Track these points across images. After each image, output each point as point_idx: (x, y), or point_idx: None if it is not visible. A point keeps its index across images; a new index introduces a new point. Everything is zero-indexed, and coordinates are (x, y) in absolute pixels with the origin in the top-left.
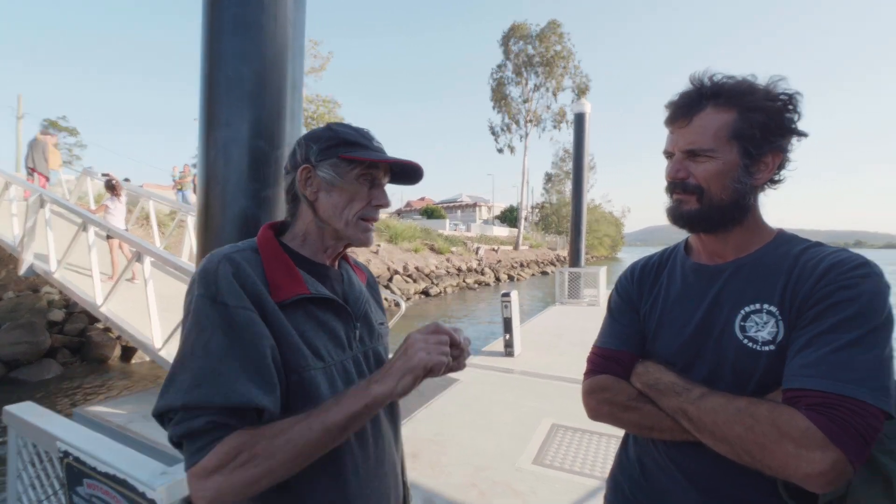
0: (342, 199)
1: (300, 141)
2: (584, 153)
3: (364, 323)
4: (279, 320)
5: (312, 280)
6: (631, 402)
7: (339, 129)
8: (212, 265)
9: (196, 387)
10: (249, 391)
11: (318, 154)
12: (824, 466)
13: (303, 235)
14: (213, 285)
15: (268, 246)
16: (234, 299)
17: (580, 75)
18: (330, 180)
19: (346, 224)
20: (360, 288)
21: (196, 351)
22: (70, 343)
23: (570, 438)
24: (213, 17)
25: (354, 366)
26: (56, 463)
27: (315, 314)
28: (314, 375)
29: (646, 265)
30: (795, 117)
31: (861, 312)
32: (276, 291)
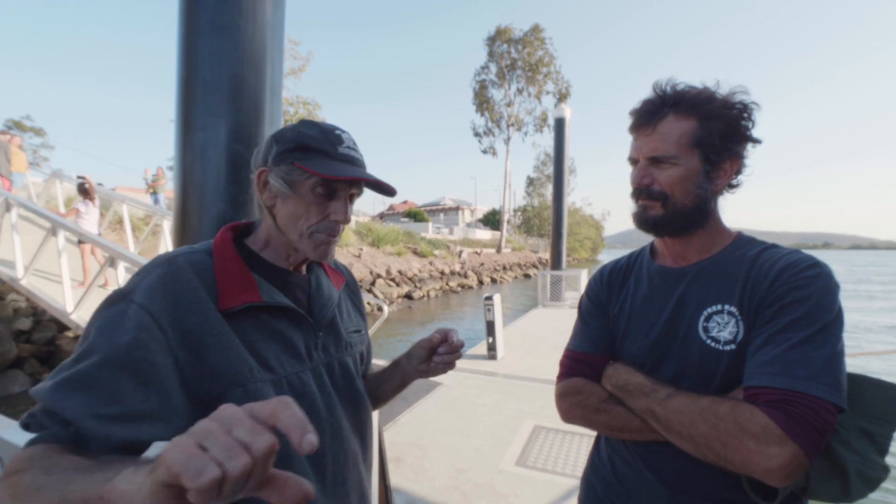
0: (297, 209)
1: (268, 140)
2: (564, 157)
3: (330, 332)
4: (221, 330)
5: (269, 287)
6: (602, 404)
7: (303, 131)
8: (152, 265)
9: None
10: (75, 402)
11: (275, 157)
12: (783, 460)
13: (265, 240)
14: (135, 281)
15: (222, 249)
16: (144, 298)
17: (561, 80)
18: (280, 188)
19: (299, 237)
20: (331, 294)
21: (78, 347)
22: (38, 352)
23: (553, 440)
24: (189, 19)
25: (314, 377)
26: None
27: (268, 323)
28: (260, 388)
29: (614, 269)
30: (751, 125)
31: (812, 311)
32: (225, 298)
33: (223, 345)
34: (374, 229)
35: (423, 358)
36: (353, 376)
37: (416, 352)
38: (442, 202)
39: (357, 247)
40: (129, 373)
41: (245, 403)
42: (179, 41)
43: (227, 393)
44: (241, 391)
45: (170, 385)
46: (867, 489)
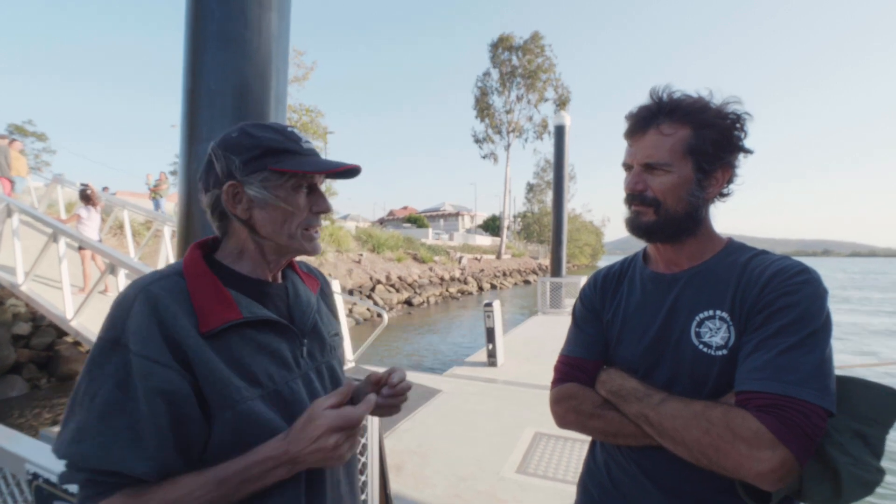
0: (280, 213)
1: (216, 152)
2: (564, 164)
3: (314, 338)
4: (204, 356)
5: (247, 301)
6: (596, 409)
7: (260, 136)
8: (127, 301)
9: (76, 442)
10: (122, 456)
11: (242, 168)
12: (774, 464)
13: (239, 252)
14: (119, 325)
15: (193, 269)
16: (138, 345)
17: (561, 87)
18: (263, 197)
19: (290, 237)
20: (309, 299)
21: (84, 401)
22: (37, 358)
23: (553, 446)
24: (196, 31)
25: (304, 384)
26: (24, 486)
27: (253, 337)
28: (251, 406)
29: (607, 274)
30: (743, 135)
31: (802, 317)
32: (204, 321)
33: (208, 370)
34: (374, 235)
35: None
36: (339, 379)
37: (362, 387)
38: (442, 208)
39: (357, 252)
40: (156, 421)
41: (235, 425)
42: (186, 52)
43: (219, 415)
44: (231, 413)
45: (192, 411)
46: (863, 491)
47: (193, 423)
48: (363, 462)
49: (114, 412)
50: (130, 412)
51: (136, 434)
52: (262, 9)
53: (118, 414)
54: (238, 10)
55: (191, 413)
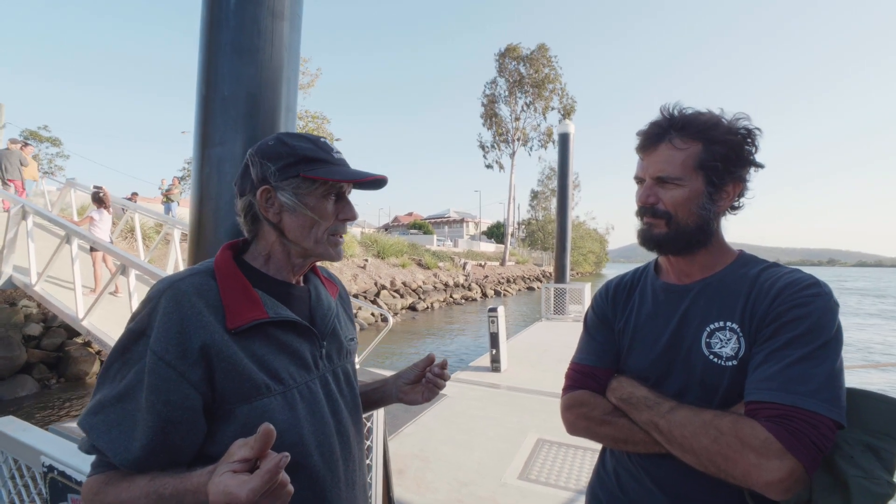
0: (308, 219)
1: (252, 158)
2: (568, 172)
3: (332, 341)
4: (228, 351)
5: (273, 302)
6: (606, 416)
7: (295, 145)
8: (155, 295)
9: (94, 413)
10: (113, 442)
11: (276, 174)
12: (782, 474)
13: (266, 255)
14: (146, 318)
15: (224, 269)
16: (157, 342)
17: (566, 97)
18: (293, 203)
19: (316, 242)
20: (329, 304)
21: (115, 379)
22: (47, 358)
23: (556, 453)
24: (210, 41)
25: (321, 386)
26: (38, 478)
27: (276, 337)
28: (268, 402)
29: (619, 284)
30: (754, 150)
31: (812, 329)
32: (232, 318)
33: (231, 365)
34: (379, 241)
35: (412, 379)
36: (353, 383)
37: (407, 372)
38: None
39: (362, 258)
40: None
41: (250, 418)
42: (200, 61)
43: (235, 409)
44: (247, 407)
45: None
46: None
47: (183, 427)
48: (367, 464)
49: (128, 396)
50: (136, 401)
51: (132, 423)
52: (274, 19)
53: (130, 399)
54: (251, 20)
55: (182, 417)
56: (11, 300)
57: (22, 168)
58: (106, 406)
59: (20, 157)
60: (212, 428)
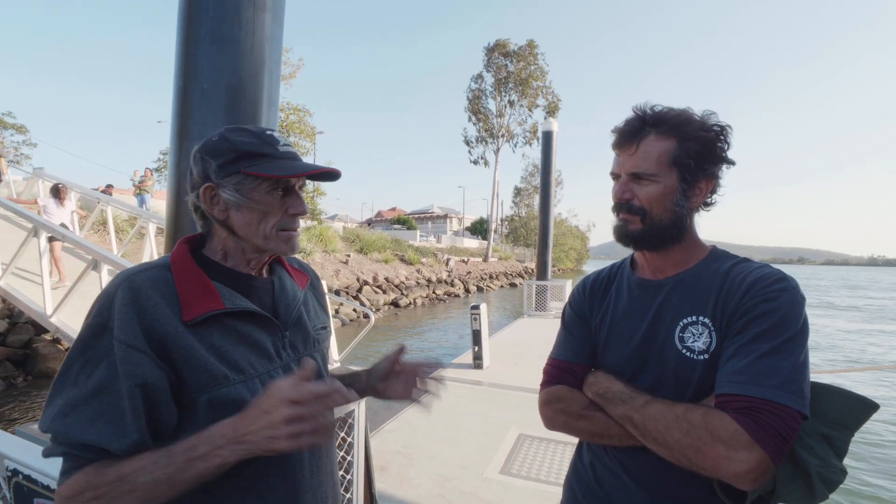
0: (255, 215)
1: (195, 155)
2: (551, 170)
3: (297, 330)
4: (185, 342)
5: (231, 293)
6: (583, 410)
7: (236, 140)
8: (112, 288)
9: (63, 416)
10: (105, 431)
11: (217, 171)
12: (751, 465)
13: (222, 250)
14: (105, 312)
15: (180, 262)
16: (120, 331)
17: (552, 94)
18: (234, 199)
19: (265, 238)
20: (295, 293)
21: (79, 379)
22: (13, 356)
23: (537, 448)
24: (188, 31)
25: (285, 375)
26: (2, 483)
27: (234, 328)
28: (231, 391)
29: (596, 280)
30: (726, 147)
31: (780, 323)
32: (187, 309)
33: (188, 355)
34: (362, 236)
35: (382, 374)
36: (322, 372)
37: (378, 366)
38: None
39: (344, 253)
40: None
41: (212, 407)
42: (178, 51)
43: (195, 398)
44: (207, 397)
45: (163, 396)
46: (828, 491)
47: (163, 407)
48: (348, 461)
49: (105, 390)
50: (116, 392)
51: (119, 412)
52: (255, 9)
53: (107, 392)
54: (232, 10)
55: (161, 397)
56: None
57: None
58: (78, 405)
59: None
60: (179, 417)
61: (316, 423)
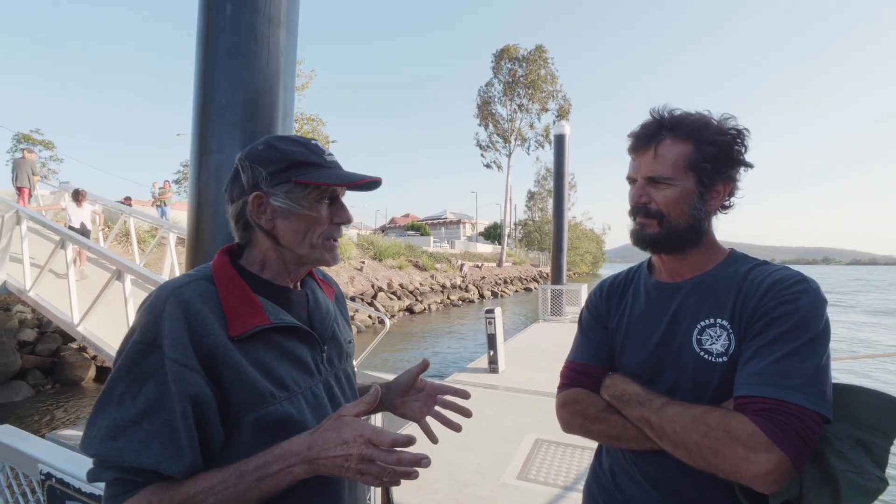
0: (303, 224)
1: (243, 164)
2: (564, 173)
3: (332, 344)
4: (232, 359)
5: (273, 307)
6: (600, 413)
7: (285, 149)
8: (159, 303)
9: (112, 439)
10: (160, 455)
11: (268, 179)
12: (770, 467)
13: (262, 261)
14: (153, 328)
15: (223, 274)
16: (170, 348)
17: (562, 98)
18: (287, 208)
19: (311, 248)
20: (328, 307)
21: (123, 399)
22: (42, 364)
23: (554, 453)
24: (207, 48)
25: (325, 390)
26: (36, 486)
27: (278, 343)
28: (277, 409)
29: (613, 283)
30: (744, 150)
31: (799, 325)
32: (234, 324)
33: (235, 373)
34: (376, 242)
35: (402, 388)
36: (353, 385)
37: (399, 379)
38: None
39: (359, 260)
40: (188, 418)
41: (258, 426)
42: (197, 68)
43: (242, 417)
44: (254, 416)
45: (212, 415)
46: (863, 500)
47: (212, 427)
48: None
49: (155, 410)
50: (169, 411)
51: (173, 433)
52: (271, 25)
53: (158, 412)
54: (248, 27)
55: (210, 417)
56: (6, 305)
57: (32, 176)
58: (127, 426)
59: (32, 165)
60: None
61: (383, 471)
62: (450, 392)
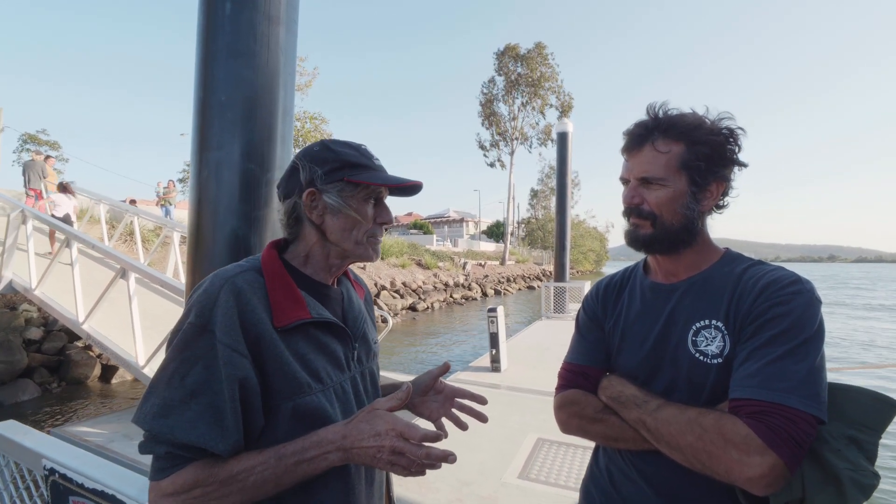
0: (349, 221)
1: (301, 162)
2: (567, 170)
3: (363, 343)
4: (276, 348)
5: (314, 302)
6: (597, 414)
7: (340, 151)
8: (214, 289)
9: (162, 416)
10: (207, 434)
11: (323, 178)
12: (763, 470)
13: (305, 255)
14: (207, 313)
15: (272, 268)
16: (223, 333)
17: (564, 95)
18: (337, 205)
19: (356, 244)
20: (360, 306)
21: (173, 378)
22: (48, 362)
23: (556, 452)
24: (207, 46)
25: (352, 386)
26: (40, 481)
27: (316, 337)
28: (312, 399)
29: (609, 284)
30: (737, 149)
31: (793, 326)
32: (279, 316)
33: (278, 362)
34: None
35: (422, 389)
36: (378, 384)
37: (420, 380)
38: (446, 214)
39: None
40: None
41: (295, 415)
42: (197, 66)
43: (280, 405)
44: (291, 404)
45: (256, 400)
46: (862, 496)
47: (255, 411)
48: None
49: (202, 391)
50: (216, 392)
51: (218, 413)
52: (270, 23)
53: (206, 393)
54: (247, 25)
55: (254, 401)
56: (12, 304)
57: (43, 178)
58: (177, 405)
59: (42, 167)
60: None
61: (412, 464)
62: (467, 396)
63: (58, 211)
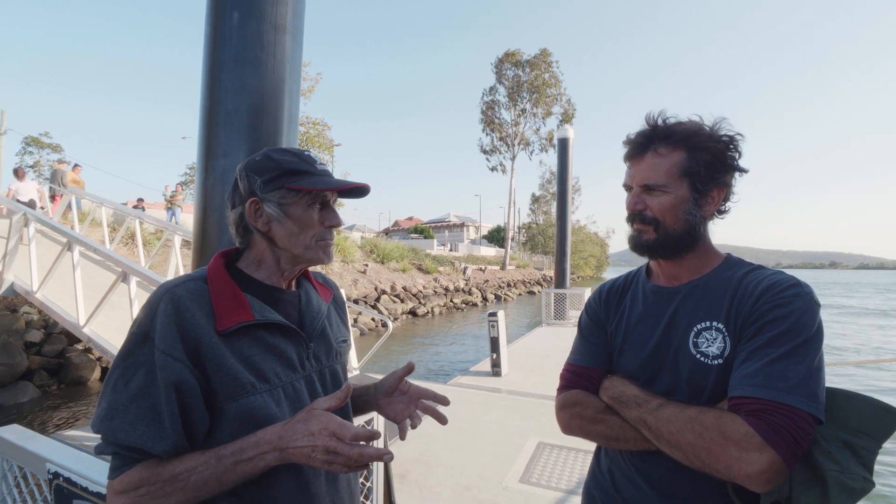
0: (296, 227)
1: (241, 173)
2: (568, 176)
3: (321, 342)
4: (216, 351)
5: (261, 305)
6: (599, 414)
7: (279, 158)
8: (155, 300)
9: (108, 419)
10: (146, 436)
11: (262, 186)
12: (762, 467)
13: (258, 262)
14: (148, 322)
15: (215, 275)
16: (160, 340)
17: (566, 102)
18: (280, 212)
19: (305, 248)
20: (320, 307)
21: (118, 384)
22: (48, 365)
23: (557, 456)
24: (214, 55)
25: (306, 384)
26: (43, 485)
27: (263, 338)
28: (256, 399)
29: (612, 287)
30: (737, 156)
31: (792, 328)
32: (222, 320)
33: (219, 365)
34: (380, 245)
35: (387, 390)
36: (341, 383)
37: (384, 381)
38: (447, 219)
39: (362, 263)
40: (171, 403)
41: (238, 415)
42: (204, 74)
43: (224, 406)
44: (235, 405)
45: (196, 402)
46: (848, 499)
47: (197, 413)
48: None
49: (142, 396)
50: (155, 397)
51: (158, 416)
52: (276, 32)
53: (146, 397)
54: (254, 34)
55: (195, 404)
56: (13, 307)
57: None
58: (120, 409)
59: (62, 176)
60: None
61: (348, 462)
62: (430, 397)
63: (22, 197)
